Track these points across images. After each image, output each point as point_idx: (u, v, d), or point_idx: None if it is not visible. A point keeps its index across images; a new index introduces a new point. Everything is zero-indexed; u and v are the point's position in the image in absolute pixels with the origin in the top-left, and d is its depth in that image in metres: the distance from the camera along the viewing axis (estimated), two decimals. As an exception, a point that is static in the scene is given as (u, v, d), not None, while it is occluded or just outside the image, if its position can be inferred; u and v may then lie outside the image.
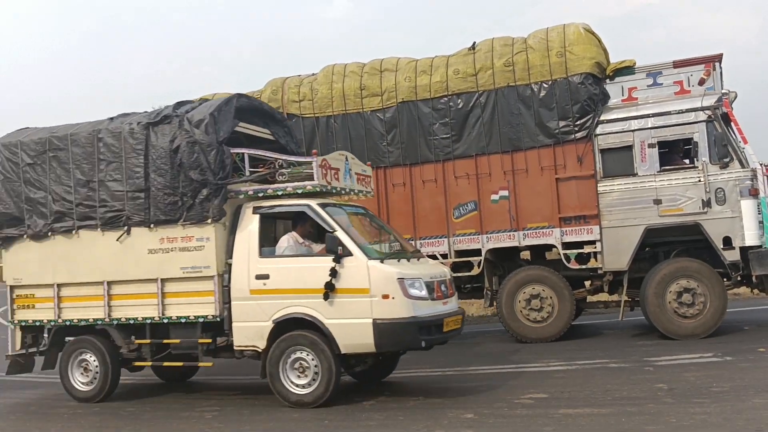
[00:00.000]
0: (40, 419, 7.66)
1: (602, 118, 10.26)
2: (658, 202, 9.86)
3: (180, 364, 8.00)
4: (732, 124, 9.83)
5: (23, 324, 8.65)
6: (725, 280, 9.79)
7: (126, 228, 7.98)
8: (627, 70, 10.48)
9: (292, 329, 7.18)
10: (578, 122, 10.34)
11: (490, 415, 6.32)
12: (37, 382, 10.37)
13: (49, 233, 8.41)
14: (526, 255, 11.74)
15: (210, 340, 7.59)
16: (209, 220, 7.56)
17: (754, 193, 9.44)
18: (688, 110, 9.86)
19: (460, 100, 10.99)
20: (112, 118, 8.47)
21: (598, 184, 10.19)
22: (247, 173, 7.81)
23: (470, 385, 7.86)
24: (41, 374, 10.91)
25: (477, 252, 10.96)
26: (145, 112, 8.45)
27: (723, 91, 10.11)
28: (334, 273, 6.90)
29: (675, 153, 10.25)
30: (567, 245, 10.45)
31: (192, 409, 7.58)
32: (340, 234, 7.04)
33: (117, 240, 8.03)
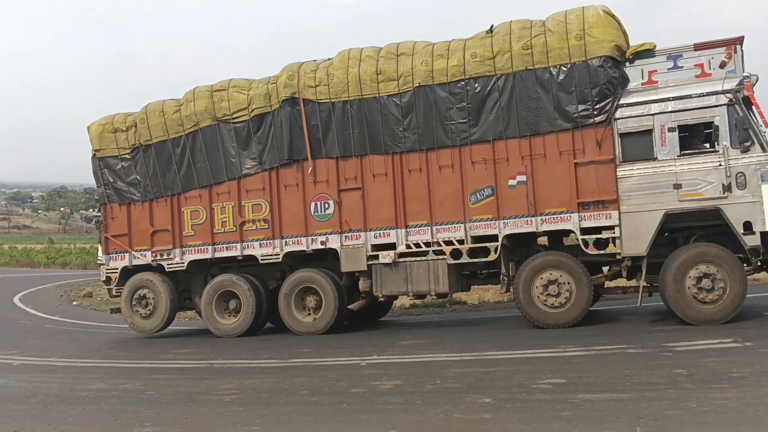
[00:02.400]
0: (61, 402, 7.73)
1: (622, 101, 10.14)
2: (677, 186, 9.76)
3: None
4: (753, 107, 9.71)
5: None
6: (745, 265, 9.70)
7: None
8: (647, 53, 10.33)
9: None
10: (597, 106, 10.24)
11: (508, 399, 6.31)
12: (57, 366, 10.52)
13: None
14: (543, 241, 11.69)
15: None
16: None
17: (775, 177, 9.33)
18: (708, 93, 9.73)
19: (477, 84, 10.91)
20: None
21: (617, 169, 10.09)
22: None
23: (487, 370, 7.84)
24: (60, 358, 11.11)
25: (494, 238, 10.92)
26: None
27: (744, 74, 9.95)
28: None
29: (695, 137, 10.13)
30: (585, 231, 10.38)
31: (211, 392, 7.63)
32: None
33: None
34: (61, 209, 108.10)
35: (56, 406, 7.55)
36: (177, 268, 13.05)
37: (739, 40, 10.12)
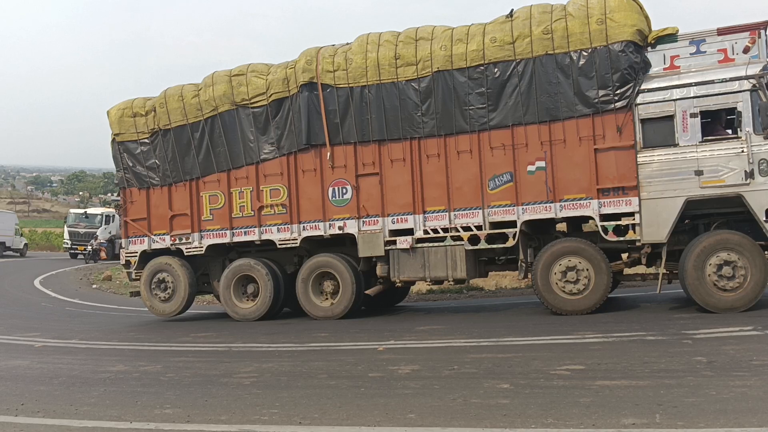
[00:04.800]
0: (83, 383, 7.82)
1: (643, 87, 10.04)
2: (699, 173, 9.67)
3: None
4: (777, 93, 9.56)
5: None
6: (767, 253, 9.60)
7: None
8: (669, 37, 10.21)
9: None
10: (618, 91, 10.14)
11: (527, 385, 6.30)
12: (79, 348, 10.65)
13: None
14: (561, 227, 11.64)
15: None
16: None
17: (799, 164, 9.21)
18: (732, 79, 9.61)
19: (496, 69, 10.84)
20: None
21: (638, 155, 10.01)
22: None
23: (505, 356, 7.84)
24: (81, 341, 11.25)
25: (512, 224, 10.89)
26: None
27: (768, 59, 9.81)
28: None
29: (717, 123, 10.02)
30: (605, 217, 10.32)
31: (230, 375, 7.69)
32: None
33: None
34: (80, 193, 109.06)
35: (78, 387, 7.64)
36: (195, 252, 13.15)
37: (763, 25, 9.98)
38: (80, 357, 9.86)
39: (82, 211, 39.67)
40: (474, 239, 11.12)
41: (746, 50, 9.82)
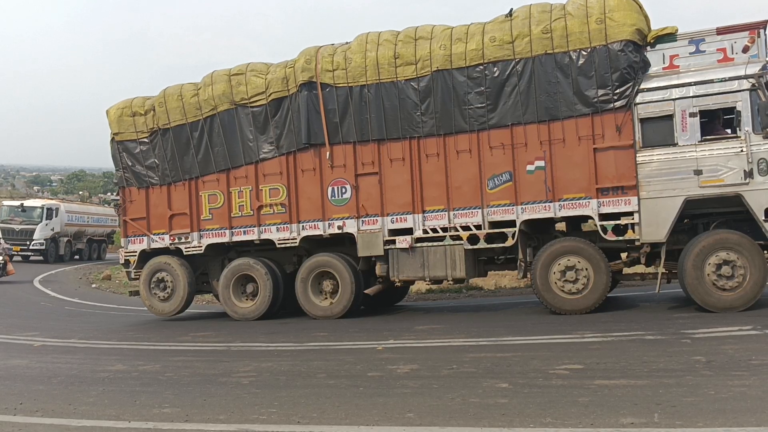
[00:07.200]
0: (82, 383, 7.82)
1: (642, 86, 10.04)
2: (698, 172, 9.67)
3: None
4: (777, 92, 9.56)
5: None
6: (766, 252, 9.60)
7: None
8: (669, 37, 10.23)
9: None
10: (617, 91, 10.14)
11: (525, 385, 6.30)
12: (77, 348, 10.65)
13: None
14: (561, 227, 11.64)
15: None
16: None
17: (798, 164, 9.21)
18: (731, 78, 9.61)
19: (496, 69, 10.83)
20: None
21: (637, 154, 10.01)
22: None
23: (504, 355, 7.84)
24: (80, 340, 11.24)
25: (511, 223, 10.89)
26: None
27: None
28: None
29: (716, 122, 10.01)
30: (604, 216, 10.32)
31: (229, 375, 7.69)
32: None
33: None
34: (80, 193, 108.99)
35: (77, 386, 7.63)
36: (195, 252, 13.14)
37: (763, 25, 10.01)
38: (79, 356, 9.85)
39: (17, 203, 33.04)
40: (473, 239, 11.12)
41: (745, 50, 9.84)
